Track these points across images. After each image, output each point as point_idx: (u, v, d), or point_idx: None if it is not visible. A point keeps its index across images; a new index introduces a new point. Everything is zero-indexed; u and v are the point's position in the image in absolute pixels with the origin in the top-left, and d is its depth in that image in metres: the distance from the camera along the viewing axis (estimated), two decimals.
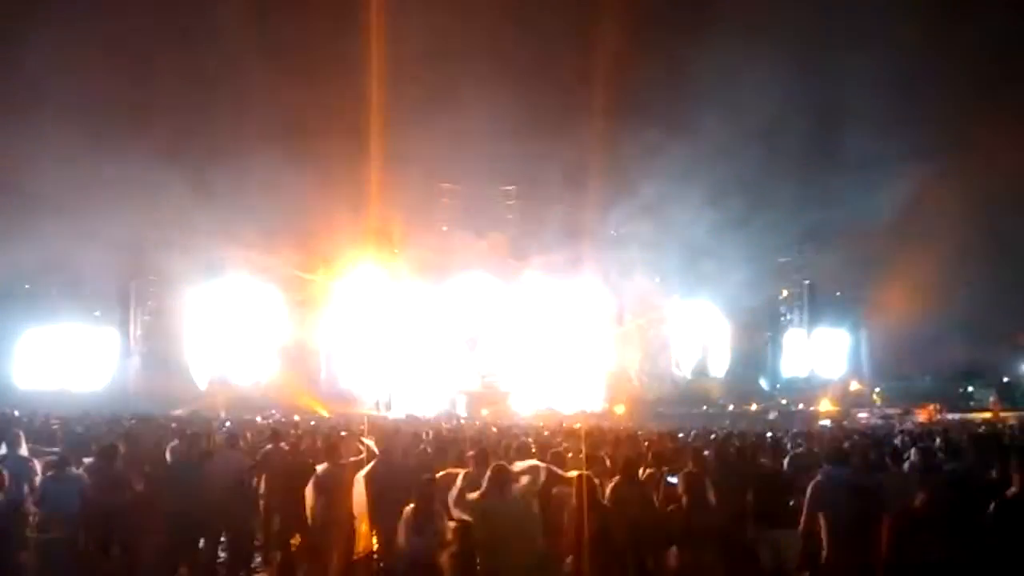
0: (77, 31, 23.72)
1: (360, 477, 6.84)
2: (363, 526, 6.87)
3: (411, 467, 7.23)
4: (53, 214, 24.69)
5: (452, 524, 5.64)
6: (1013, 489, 4.76)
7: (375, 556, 6.81)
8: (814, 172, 28.88)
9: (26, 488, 7.05)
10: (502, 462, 6.29)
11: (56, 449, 8.93)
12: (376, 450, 7.35)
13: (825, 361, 35.25)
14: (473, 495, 5.68)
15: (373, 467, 6.95)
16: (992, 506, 4.69)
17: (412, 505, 5.70)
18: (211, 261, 28.91)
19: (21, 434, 8.25)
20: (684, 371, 34.10)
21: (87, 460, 7.59)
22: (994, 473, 6.35)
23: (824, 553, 6.20)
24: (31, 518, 6.78)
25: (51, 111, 24.11)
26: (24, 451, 7.86)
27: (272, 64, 26.47)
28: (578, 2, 28.10)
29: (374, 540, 6.81)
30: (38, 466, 7.40)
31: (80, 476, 7.28)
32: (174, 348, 31.18)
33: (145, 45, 25.78)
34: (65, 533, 6.81)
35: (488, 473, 5.74)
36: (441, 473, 6.79)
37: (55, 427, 13.06)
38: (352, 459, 7.22)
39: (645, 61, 27.25)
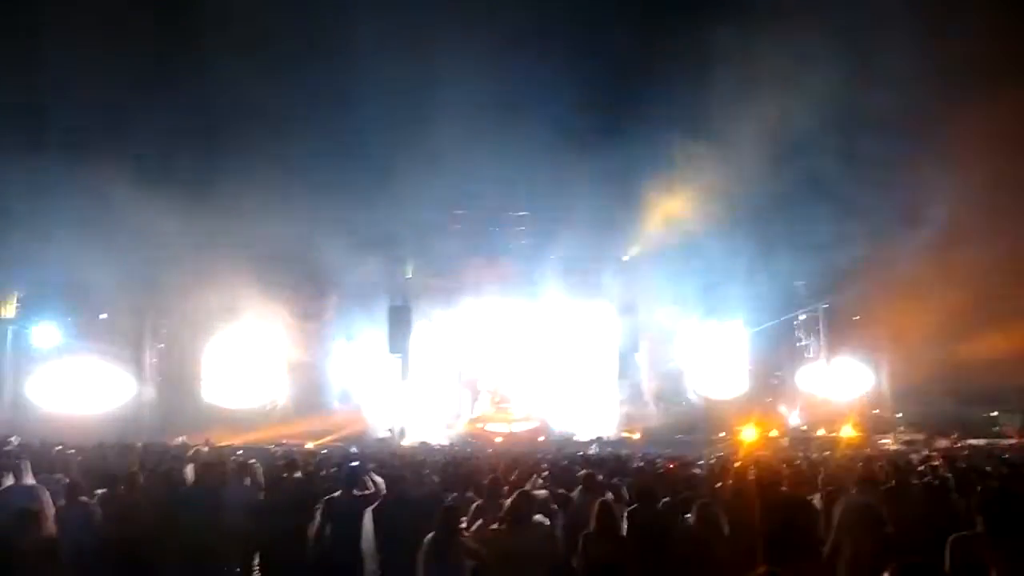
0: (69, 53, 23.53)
1: (369, 512, 6.65)
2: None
3: (426, 499, 7.06)
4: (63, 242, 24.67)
5: (468, 562, 5.30)
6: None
7: None
8: (838, 190, 27.96)
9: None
10: (525, 489, 6.01)
11: (58, 476, 8.75)
12: (384, 488, 7.15)
13: (843, 386, 34.73)
14: (491, 527, 5.38)
15: (383, 503, 6.72)
16: None
17: (432, 534, 5.39)
18: (222, 284, 28.75)
19: (27, 463, 8.07)
20: (700, 397, 33.71)
21: (100, 491, 7.52)
22: None
23: None
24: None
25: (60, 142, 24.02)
26: (30, 480, 7.71)
27: (278, 91, 26.42)
28: (592, 18, 27.82)
29: None
30: (47, 495, 7.31)
31: (89, 504, 7.21)
32: (187, 375, 31.14)
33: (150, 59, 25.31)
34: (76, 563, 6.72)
35: (508, 503, 5.43)
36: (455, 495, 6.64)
37: (70, 455, 12.97)
38: (365, 492, 7.11)
39: (662, 79, 26.76)
